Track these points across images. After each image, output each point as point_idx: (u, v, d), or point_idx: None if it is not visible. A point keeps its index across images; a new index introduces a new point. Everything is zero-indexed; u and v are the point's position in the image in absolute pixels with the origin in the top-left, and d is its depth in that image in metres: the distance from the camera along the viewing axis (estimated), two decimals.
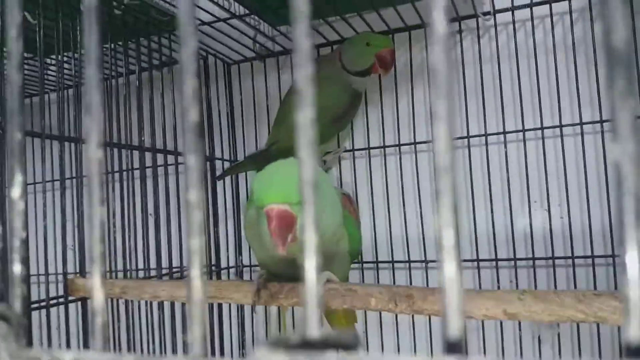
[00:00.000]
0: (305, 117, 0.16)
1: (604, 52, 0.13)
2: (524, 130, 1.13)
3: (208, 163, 1.30)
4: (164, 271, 1.09)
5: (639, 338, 0.12)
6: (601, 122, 1.08)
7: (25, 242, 0.21)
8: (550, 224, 1.12)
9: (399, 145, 1.23)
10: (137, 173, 1.10)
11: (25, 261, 0.65)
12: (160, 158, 1.13)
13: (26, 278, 0.21)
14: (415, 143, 1.21)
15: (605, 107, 1.09)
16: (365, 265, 1.24)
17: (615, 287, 1.06)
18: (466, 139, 1.17)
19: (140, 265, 1.11)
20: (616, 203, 0.13)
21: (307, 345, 0.15)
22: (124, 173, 1.08)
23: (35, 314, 0.85)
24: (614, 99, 0.13)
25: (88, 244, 0.20)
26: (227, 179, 1.36)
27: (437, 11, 0.14)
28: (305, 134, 0.16)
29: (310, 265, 0.16)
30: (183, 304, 1.09)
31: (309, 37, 0.16)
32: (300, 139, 0.16)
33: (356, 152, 1.28)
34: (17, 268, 0.21)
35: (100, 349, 0.19)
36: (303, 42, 0.16)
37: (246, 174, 1.35)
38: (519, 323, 1.11)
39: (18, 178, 0.20)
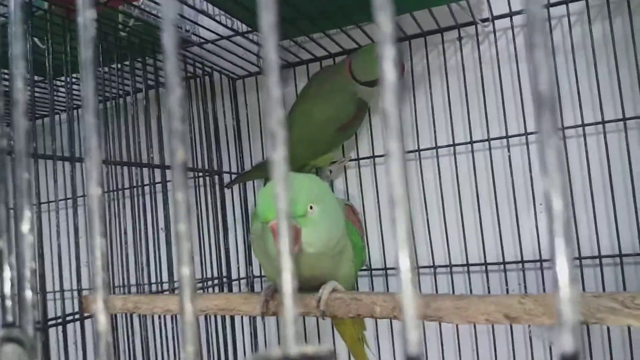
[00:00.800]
0: (278, 155, 0.18)
1: (532, 97, 0.15)
2: (526, 134, 1.15)
3: (216, 176, 1.33)
4: (176, 284, 1.11)
5: (572, 349, 0.14)
6: (603, 123, 1.09)
7: (34, 272, 0.23)
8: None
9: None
10: (147, 189, 1.13)
11: (41, 285, 0.68)
12: (168, 174, 1.16)
13: (37, 303, 0.23)
14: (419, 150, 1.23)
15: (607, 108, 1.10)
16: (374, 272, 1.26)
17: (624, 288, 1.07)
18: (470, 145, 1.18)
19: (153, 280, 1.14)
20: (547, 226, 0.15)
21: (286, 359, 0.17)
22: (134, 189, 1.11)
23: (52, 330, 0.88)
24: (541, 138, 0.15)
25: (92, 272, 0.22)
26: (235, 191, 1.38)
27: (387, 62, 0.16)
28: (279, 170, 0.18)
29: (288, 289, 0.18)
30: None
31: (279, 87, 0.18)
32: (275, 175, 0.18)
33: (361, 161, 1.30)
34: (28, 295, 0.23)
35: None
36: (274, 90, 0.18)
37: (254, 184, 1.37)
38: (529, 326, 1.11)
39: (27, 214, 0.22)
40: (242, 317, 1.29)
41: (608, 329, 1.07)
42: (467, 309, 0.62)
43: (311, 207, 0.66)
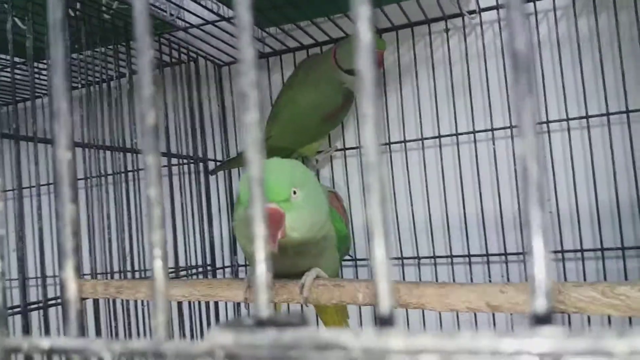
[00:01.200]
0: (251, 118, 0.18)
1: (509, 57, 0.15)
2: (511, 127, 1.15)
3: (201, 164, 1.32)
4: None
5: (544, 308, 0.14)
6: (587, 117, 1.10)
7: (6, 240, 0.22)
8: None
9: (389, 143, 1.25)
10: (130, 175, 1.12)
11: (22, 269, 0.67)
12: None
13: (5, 271, 0.22)
14: (405, 141, 1.23)
15: (592, 103, 1.10)
16: (359, 262, 1.26)
17: (605, 279, 1.08)
18: (455, 137, 1.18)
19: (136, 267, 1.13)
20: (522, 192, 0.15)
21: (257, 325, 0.17)
22: (118, 176, 1.10)
23: (34, 315, 0.87)
24: (517, 99, 0.14)
25: (62, 240, 0.21)
26: (220, 179, 1.37)
27: (361, 22, 0.16)
28: (251, 134, 0.18)
29: (260, 255, 0.18)
30: (178, 303, 1.10)
31: (252, 47, 0.18)
32: (248, 139, 0.18)
33: (348, 151, 1.30)
34: None
35: (75, 335, 0.20)
36: (247, 51, 0.18)
37: (239, 172, 1.36)
38: (511, 316, 1.12)
39: None
40: (226, 304, 1.28)
41: (589, 318, 1.08)
42: (449, 296, 0.62)
43: (295, 192, 0.66)
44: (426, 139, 1.21)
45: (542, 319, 0.14)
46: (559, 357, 0.13)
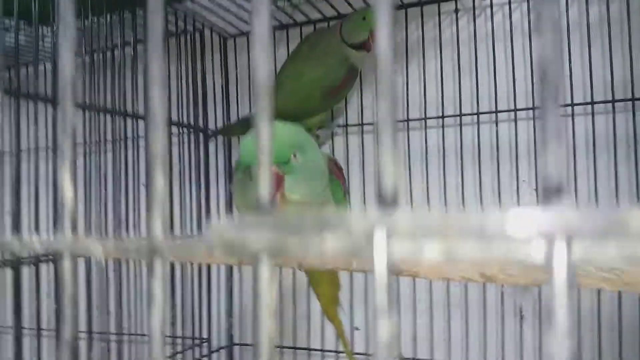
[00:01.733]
0: (261, 57, 0.17)
1: (534, 23, 0.14)
2: (515, 110, 1.14)
3: (201, 134, 1.31)
4: None
5: (555, 179, 0.13)
6: (592, 103, 1.09)
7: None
8: (537, 203, 1.13)
9: None
10: (129, 142, 1.11)
11: (16, 224, 0.66)
12: None
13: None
14: (407, 120, 1.22)
15: (597, 89, 1.10)
16: None
17: None
18: (459, 117, 1.18)
19: (132, 235, 1.13)
20: (538, 90, 0.14)
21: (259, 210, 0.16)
22: (117, 142, 1.09)
23: (25, 272, 0.86)
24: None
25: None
26: (220, 151, 1.36)
27: None
28: (261, 72, 0.17)
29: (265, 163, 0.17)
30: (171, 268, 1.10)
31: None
32: (257, 75, 0.17)
33: (349, 128, 1.29)
34: None
35: (66, 235, 0.20)
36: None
37: (239, 141, 1.35)
38: (502, 297, 1.13)
39: None
40: (218, 272, 1.28)
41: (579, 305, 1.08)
42: (443, 266, 0.62)
43: (295, 155, 0.65)
44: (429, 118, 1.21)
45: (553, 192, 0.13)
46: (572, 234, 0.12)
